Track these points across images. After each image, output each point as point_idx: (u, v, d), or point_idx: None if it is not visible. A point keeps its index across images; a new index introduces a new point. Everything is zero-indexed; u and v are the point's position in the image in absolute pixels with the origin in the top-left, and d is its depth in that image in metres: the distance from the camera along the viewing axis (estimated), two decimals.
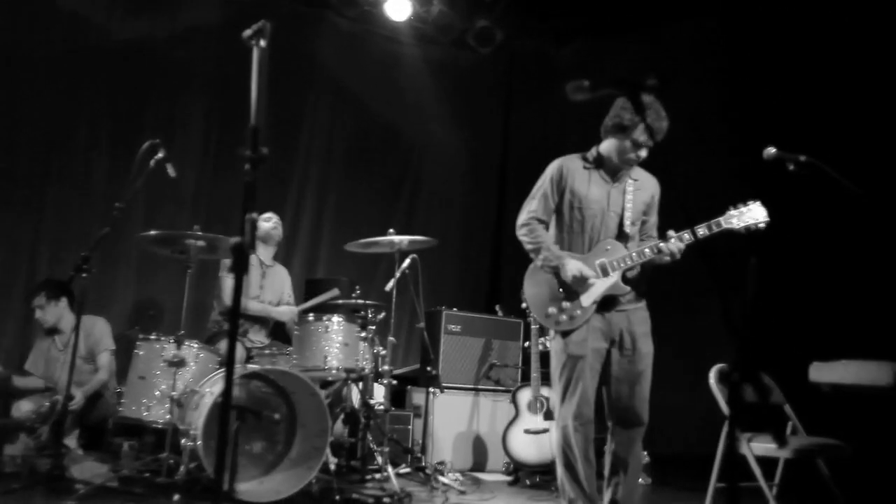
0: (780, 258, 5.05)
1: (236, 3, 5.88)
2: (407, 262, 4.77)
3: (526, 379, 5.08)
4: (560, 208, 3.17)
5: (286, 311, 4.88)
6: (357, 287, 4.72)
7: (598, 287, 3.04)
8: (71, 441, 4.31)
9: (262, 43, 2.13)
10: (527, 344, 5.25)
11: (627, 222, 3.11)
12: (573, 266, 3.02)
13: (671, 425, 5.44)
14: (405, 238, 4.58)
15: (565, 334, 3.05)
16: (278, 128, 6.11)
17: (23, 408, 4.32)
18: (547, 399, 4.82)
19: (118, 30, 5.57)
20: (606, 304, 3.07)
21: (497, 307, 5.85)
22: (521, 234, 3.20)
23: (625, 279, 3.08)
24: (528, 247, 3.17)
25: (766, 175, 3.10)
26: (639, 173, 3.22)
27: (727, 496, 1.60)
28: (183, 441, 3.66)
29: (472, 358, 5.47)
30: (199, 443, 3.48)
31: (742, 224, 3.02)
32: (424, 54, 6.80)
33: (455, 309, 5.51)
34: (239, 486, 3.56)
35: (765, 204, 3.04)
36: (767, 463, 3.47)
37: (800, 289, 5.13)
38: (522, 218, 3.22)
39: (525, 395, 4.89)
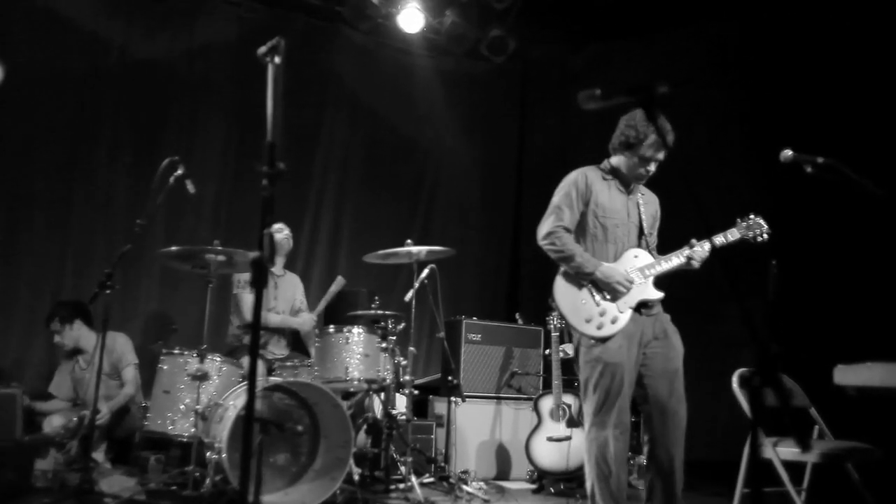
0: (800, 261, 5.01)
1: (252, 19, 5.96)
2: (425, 272, 4.78)
3: (547, 386, 5.06)
4: (584, 218, 3.20)
5: (307, 320, 4.90)
6: (376, 298, 4.74)
7: (634, 293, 3.08)
8: (99, 455, 4.37)
9: (277, 59, 2.16)
10: (547, 352, 5.23)
11: (647, 232, 3.20)
12: (613, 272, 3.05)
13: (696, 430, 5.39)
14: (423, 248, 4.60)
15: (601, 342, 3.05)
16: (295, 141, 6.17)
17: (53, 422, 4.39)
18: (569, 406, 4.80)
19: (137, 49, 5.67)
20: (637, 310, 3.11)
21: (517, 315, 5.84)
22: (546, 243, 3.19)
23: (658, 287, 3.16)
24: (555, 256, 3.17)
25: (783, 178, 3.09)
26: (643, 189, 3.33)
27: (753, 501, 1.59)
28: (208, 454, 3.70)
29: (494, 366, 5.47)
30: (223, 455, 3.52)
31: (750, 234, 3.18)
32: (438, 65, 6.84)
33: (475, 318, 5.52)
34: (264, 497, 3.59)
35: (783, 207, 3.07)
36: (795, 468, 3.43)
37: (822, 291, 5.06)
38: (546, 228, 3.22)
39: (547, 403, 4.87)
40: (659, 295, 3.13)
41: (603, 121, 3.29)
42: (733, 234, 3.15)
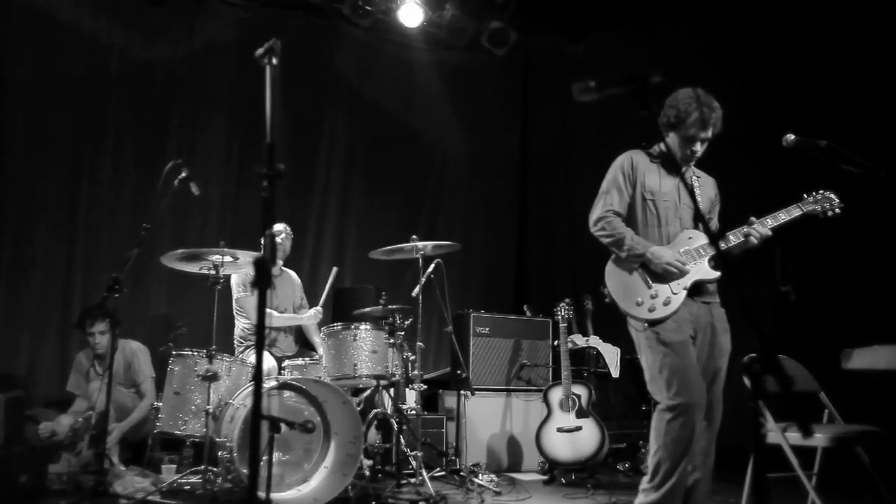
0: (806, 246, 4.98)
1: (251, 19, 5.97)
2: (432, 266, 4.79)
3: (557, 377, 5.07)
4: (633, 201, 3.18)
5: (312, 315, 4.92)
6: (384, 294, 4.75)
7: (689, 274, 3.05)
8: (112, 457, 4.39)
9: (275, 60, 2.17)
10: (556, 343, 5.24)
11: (704, 213, 3.13)
12: (666, 253, 3.03)
13: None
14: (429, 243, 4.61)
15: (655, 325, 3.03)
16: (298, 140, 6.18)
17: (62, 422, 4.42)
18: (579, 397, 4.80)
19: (137, 53, 5.69)
20: (693, 292, 3.07)
21: (525, 307, 5.84)
22: (597, 228, 3.17)
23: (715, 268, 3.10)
24: (607, 240, 3.14)
25: (786, 162, 3.08)
26: (699, 172, 3.28)
27: (756, 488, 1.59)
28: (220, 453, 3.73)
29: (502, 359, 5.48)
30: (235, 454, 3.55)
31: (819, 208, 3.12)
32: (439, 59, 6.83)
33: (482, 311, 5.52)
34: (277, 495, 3.62)
35: (787, 191, 3.04)
36: (807, 453, 3.43)
37: (829, 275, 5.04)
38: (597, 213, 3.19)
39: (557, 394, 4.88)
40: (715, 274, 3.07)
41: (607, 108, 3.28)
42: (796, 210, 3.10)
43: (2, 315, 5.15)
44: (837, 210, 3.12)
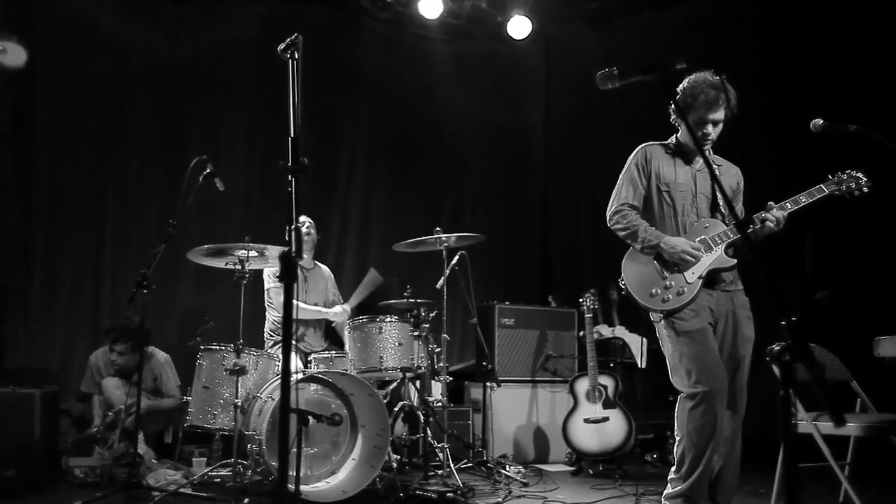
0: (837, 233, 4.90)
1: (272, 15, 5.99)
2: (456, 258, 4.79)
3: (583, 368, 5.05)
4: (649, 194, 3.17)
5: (339, 312, 4.94)
6: (408, 286, 4.76)
7: (703, 262, 3.02)
8: (141, 448, 4.43)
9: (297, 55, 2.18)
10: (582, 333, 5.21)
11: (721, 202, 3.08)
12: (680, 242, 3.02)
13: None
14: (452, 235, 4.61)
15: (672, 314, 3.01)
16: (321, 134, 6.20)
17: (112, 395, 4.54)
18: (605, 388, 4.78)
19: (160, 51, 5.74)
20: (711, 281, 3.04)
21: (550, 298, 5.82)
22: (613, 221, 3.19)
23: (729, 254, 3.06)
24: (622, 233, 3.15)
25: (814, 147, 3.02)
26: (720, 160, 3.23)
27: (787, 478, 1.57)
28: (249, 446, 3.78)
29: (528, 350, 5.47)
30: (264, 447, 3.59)
31: (844, 188, 3.01)
32: (460, 50, 6.80)
33: (507, 302, 5.52)
34: (306, 487, 3.66)
35: (815, 177, 2.97)
36: (840, 442, 3.38)
37: (860, 262, 4.95)
38: (613, 207, 3.21)
39: (583, 385, 4.86)
40: (731, 262, 3.04)
41: (631, 96, 3.24)
42: (818, 193, 3.00)
43: (36, 312, 5.25)
44: (865, 189, 3.00)
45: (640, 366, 5.32)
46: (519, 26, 6.41)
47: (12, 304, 5.17)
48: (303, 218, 4.98)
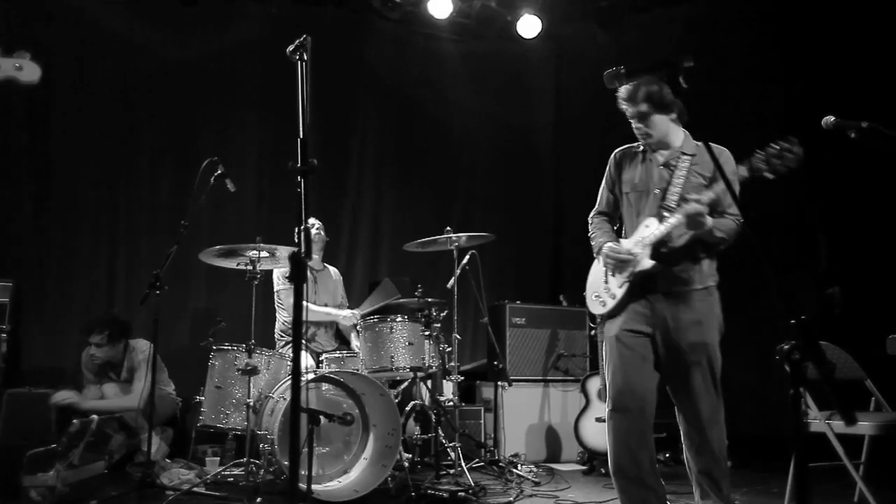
0: (849, 230, 4.85)
1: (282, 16, 6.02)
2: (466, 258, 4.79)
3: (594, 367, 5.04)
4: (618, 199, 3.13)
5: (348, 315, 4.94)
6: (419, 286, 4.77)
7: (631, 266, 2.88)
8: (154, 447, 4.42)
9: (305, 56, 2.19)
10: (593, 332, 5.20)
11: (671, 198, 2.89)
12: (607, 245, 2.98)
13: (747, 405, 5.32)
14: (463, 234, 4.61)
15: (605, 320, 3.01)
16: (330, 134, 6.22)
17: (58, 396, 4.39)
18: None
19: (171, 53, 5.78)
20: (648, 286, 2.89)
21: (561, 297, 5.81)
22: (589, 230, 3.21)
23: (660, 257, 2.86)
24: (591, 242, 3.17)
25: (825, 145, 2.99)
26: (697, 148, 2.97)
27: (798, 478, 1.56)
28: (262, 446, 3.80)
29: (539, 349, 5.46)
30: (276, 447, 3.61)
31: (766, 167, 2.66)
32: (469, 49, 6.81)
33: (518, 302, 5.51)
34: (318, 486, 3.67)
35: (827, 175, 2.92)
36: (854, 441, 3.35)
37: (873, 259, 4.91)
38: (590, 216, 3.23)
39: (594, 384, 4.85)
40: (648, 265, 2.83)
41: None
42: (741, 172, 2.70)
43: (52, 313, 5.31)
44: (792, 164, 2.62)
45: None
46: (529, 25, 6.40)
47: (28, 305, 5.22)
48: (311, 220, 4.98)
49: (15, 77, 2.25)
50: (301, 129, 2.09)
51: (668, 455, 5.04)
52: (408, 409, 4.54)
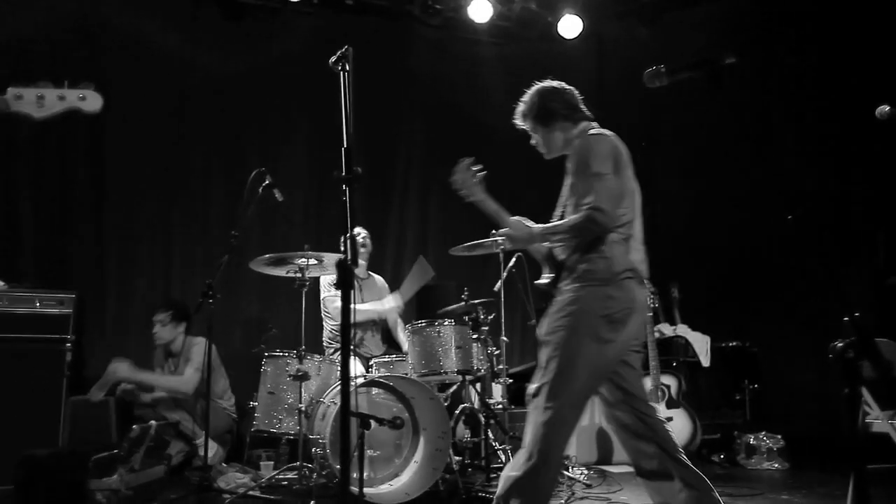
0: None
1: (326, 27, 6.12)
2: (513, 261, 4.79)
3: (644, 368, 4.96)
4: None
5: (390, 300, 4.97)
6: (465, 290, 4.78)
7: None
8: (211, 452, 4.52)
9: (348, 67, 2.23)
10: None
11: (557, 210, 2.97)
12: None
13: (806, 406, 5.18)
14: None
15: None
16: (376, 142, 6.28)
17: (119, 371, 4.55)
18: (668, 387, 4.70)
19: (217, 68, 5.95)
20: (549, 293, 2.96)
21: None
22: None
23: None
24: None
25: (877, 136, 2.90)
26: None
27: (856, 479, 1.53)
28: (314, 450, 3.86)
29: None
30: (328, 451, 3.66)
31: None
32: (511, 52, 6.80)
33: None
34: (370, 490, 3.71)
35: (882, 165, 2.85)
36: None
37: None
38: None
39: (645, 385, 4.78)
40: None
41: (684, 91, 3.18)
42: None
43: (112, 322, 5.52)
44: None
45: (704, 364, 5.21)
46: (570, 25, 6.37)
47: (90, 316, 5.42)
48: (357, 229, 5.04)
49: (79, 107, 2.36)
50: (345, 138, 2.13)
51: (722, 456, 4.95)
52: (457, 412, 4.56)
